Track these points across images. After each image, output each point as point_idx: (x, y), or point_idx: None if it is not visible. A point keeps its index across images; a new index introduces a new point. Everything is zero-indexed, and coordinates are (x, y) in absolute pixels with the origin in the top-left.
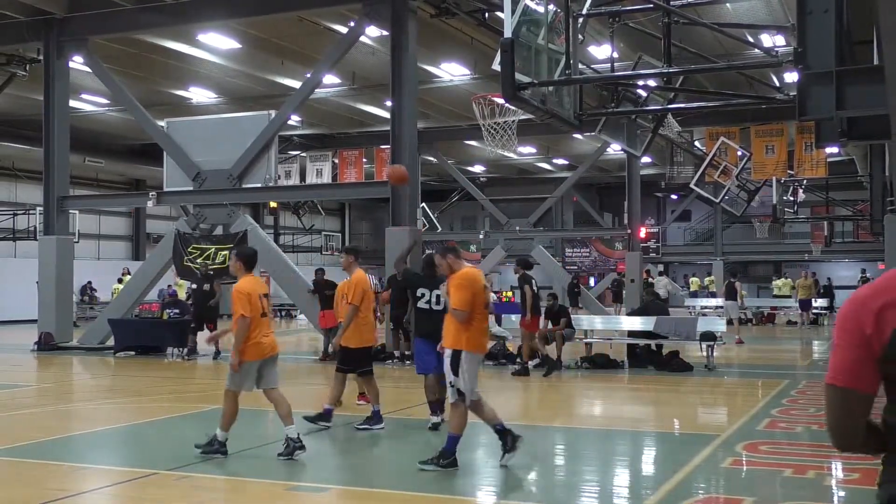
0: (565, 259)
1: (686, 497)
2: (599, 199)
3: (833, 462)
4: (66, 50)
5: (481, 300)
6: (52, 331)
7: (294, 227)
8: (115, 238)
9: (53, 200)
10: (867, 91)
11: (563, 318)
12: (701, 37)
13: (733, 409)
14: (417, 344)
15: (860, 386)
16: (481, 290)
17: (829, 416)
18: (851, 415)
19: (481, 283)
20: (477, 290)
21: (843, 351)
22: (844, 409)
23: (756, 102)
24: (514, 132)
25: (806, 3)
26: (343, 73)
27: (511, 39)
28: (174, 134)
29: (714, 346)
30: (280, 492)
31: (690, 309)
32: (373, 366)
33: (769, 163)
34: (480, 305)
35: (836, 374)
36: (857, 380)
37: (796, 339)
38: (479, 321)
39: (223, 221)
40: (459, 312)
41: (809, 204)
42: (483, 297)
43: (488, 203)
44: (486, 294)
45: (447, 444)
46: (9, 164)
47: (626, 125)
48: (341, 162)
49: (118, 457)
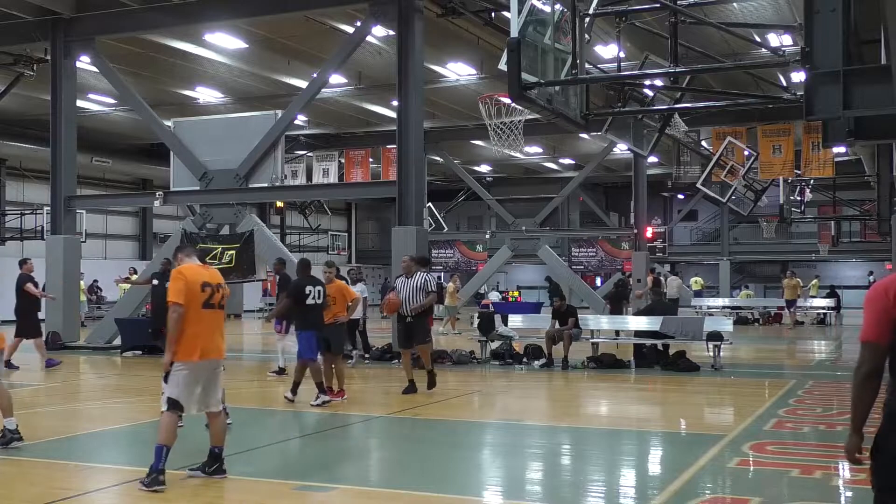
0: (571, 259)
1: (693, 497)
2: (606, 198)
3: (840, 462)
4: (73, 50)
5: (197, 298)
6: (59, 330)
7: (300, 226)
8: (122, 238)
9: (61, 200)
10: (875, 90)
11: (571, 318)
12: (708, 36)
13: (740, 409)
14: (306, 335)
15: (881, 341)
16: (197, 287)
17: (859, 359)
18: (872, 358)
19: (200, 280)
20: (192, 285)
21: (871, 318)
22: (869, 351)
23: (763, 102)
24: (520, 132)
25: (813, 2)
26: (349, 73)
27: (517, 39)
28: (181, 134)
29: (721, 345)
30: (286, 491)
31: (697, 309)
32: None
33: (776, 162)
34: (196, 305)
35: (867, 334)
36: (880, 336)
37: (794, 339)
38: (192, 324)
39: (230, 221)
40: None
41: (816, 204)
42: (200, 297)
43: (494, 203)
44: (209, 293)
45: (154, 457)
46: (16, 163)
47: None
48: (347, 162)
49: (124, 456)
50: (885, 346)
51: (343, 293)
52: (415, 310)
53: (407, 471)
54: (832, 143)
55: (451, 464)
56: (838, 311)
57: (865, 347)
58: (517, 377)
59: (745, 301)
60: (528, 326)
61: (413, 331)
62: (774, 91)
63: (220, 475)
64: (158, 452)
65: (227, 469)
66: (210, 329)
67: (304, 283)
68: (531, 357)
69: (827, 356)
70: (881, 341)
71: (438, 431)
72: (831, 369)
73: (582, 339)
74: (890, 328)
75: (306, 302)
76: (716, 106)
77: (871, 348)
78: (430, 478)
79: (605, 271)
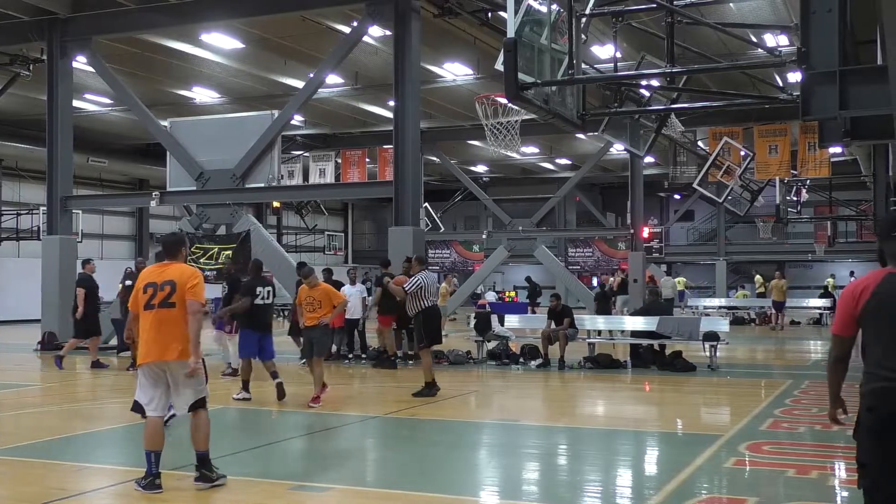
0: (568, 259)
1: (689, 497)
2: (602, 198)
3: (836, 462)
4: (69, 50)
5: (140, 302)
6: (55, 330)
7: (297, 226)
8: (119, 238)
9: (57, 200)
10: (871, 91)
11: (567, 318)
12: (704, 37)
13: (736, 409)
14: (246, 333)
15: (845, 334)
16: (140, 291)
17: (831, 347)
18: (840, 347)
19: (144, 282)
20: (137, 290)
21: (839, 315)
22: (837, 342)
23: (759, 102)
24: (517, 132)
25: (809, 2)
26: (346, 73)
27: (514, 39)
28: (177, 134)
29: (717, 346)
30: (282, 491)
31: (693, 309)
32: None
33: (772, 163)
34: (141, 308)
35: (836, 328)
36: (844, 331)
37: (790, 340)
38: (142, 328)
39: (226, 221)
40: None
41: (813, 204)
42: (142, 299)
43: (491, 203)
44: (150, 294)
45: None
46: (12, 163)
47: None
48: (344, 162)
49: (121, 456)
50: (849, 338)
51: (329, 296)
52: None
53: (403, 471)
54: (828, 143)
55: (447, 464)
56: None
57: (834, 338)
58: (514, 377)
59: (742, 301)
60: (524, 326)
61: (417, 331)
62: (771, 91)
63: (201, 483)
64: (147, 458)
65: (217, 476)
66: (153, 330)
67: (255, 284)
68: (528, 357)
69: (822, 356)
70: (845, 334)
71: (435, 432)
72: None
73: (578, 340)
74: (853, 325)
75: (254, 301)
76: (712, 106)
77: (838, 340)
78: (427, 478)
79: (601, 271)
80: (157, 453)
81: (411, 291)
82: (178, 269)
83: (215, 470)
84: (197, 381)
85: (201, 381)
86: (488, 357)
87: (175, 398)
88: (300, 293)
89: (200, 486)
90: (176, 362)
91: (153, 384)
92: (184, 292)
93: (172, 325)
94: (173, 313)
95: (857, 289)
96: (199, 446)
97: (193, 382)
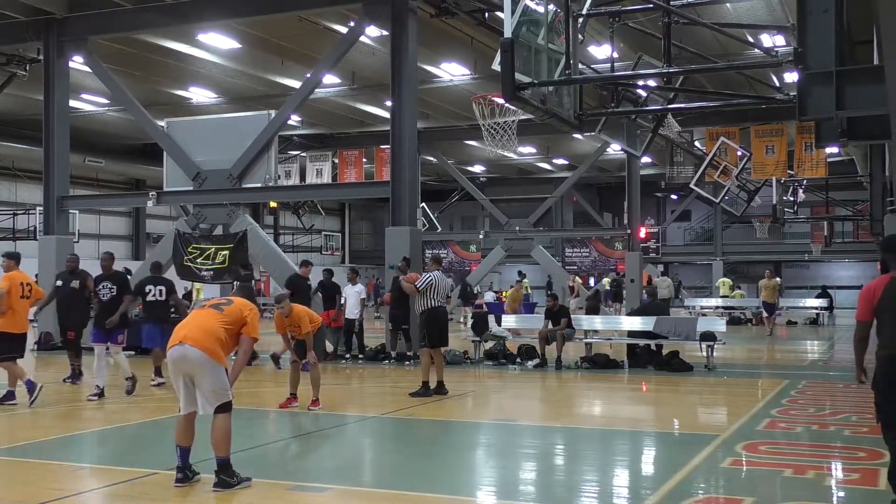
0: (565, 259)
1: (686, 497)
2: (599, 199)
3: (833, 462)
4: (66, 50)
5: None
6: (51, 330)
7: (294, 226)
8: (116, 238)
9: (53, 200)
10: (867, 91)
11: (564, 318)
12: (701, 37)
13: (733, 409)
14: (148, 326)
15: (866, 319)
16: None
17: (855, 329)
18: (862, 330)
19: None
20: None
21: (862, 305)
22: (860, 326)
23: (756, 102)
24: (514, 132)
25: (806, 2)
26: (343, 73)
27: (511, 39)
28: (174, 134)
29: (714, 346)
30: (281, 492)
31: (690, 309)
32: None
33: (769, 163)
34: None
35: (859, 315)
36: (865, 317)
37: (788, 339)
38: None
39: (223, 221)
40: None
41: (809, 204)
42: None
43: (488, 203)
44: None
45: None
46: (9, 163)
47: (626, 125)
48: (341, 162)
49: (118, 457)
50: (868, 322)
51: (306, 317)
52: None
53: (401, 471)
54: (825, 143)
55: (445, 464)
56: (831, 312)
57: (858, 324)
58: (511, 377)
59: (738, 301)
60: (522, 326)
61: (420, 330)
62: (767, 91)
63: (218, 489)
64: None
65: (239, 479)
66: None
67: (145, 282)
68: (525, 357)
69: (820, 356)
70: (866, 319)
71: (432, 431)
72: (824, 369)
73: (575, 340)
74: (871, 313)
75: (147, 298)
76: (709, 106)
77: (861, 324)
78: (425, 478)
79: (598, 271)
80: (182, 448)
81: (422, 288)
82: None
83: (237, 474)
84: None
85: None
86: (485, 357)
87: (199, 393)
88: (277, 323)
89: (216, 491)
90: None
91: (175, 375)
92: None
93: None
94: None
95: (873, 287)
96: (218, 451)
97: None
